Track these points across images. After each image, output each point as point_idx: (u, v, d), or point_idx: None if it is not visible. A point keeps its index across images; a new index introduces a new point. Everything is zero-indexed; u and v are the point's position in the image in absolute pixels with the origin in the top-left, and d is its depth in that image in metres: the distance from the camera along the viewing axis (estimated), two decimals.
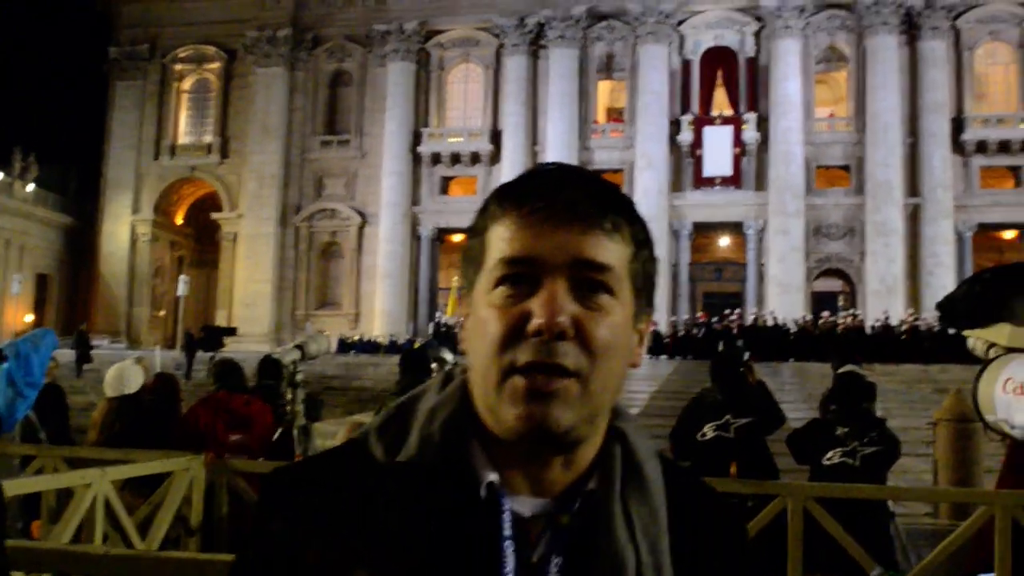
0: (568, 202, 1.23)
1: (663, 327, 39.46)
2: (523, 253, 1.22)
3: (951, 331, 24.07)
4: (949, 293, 9.11)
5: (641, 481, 1.30)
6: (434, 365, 8.30)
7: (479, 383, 1.25)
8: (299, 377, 8.77)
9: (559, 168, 1.30)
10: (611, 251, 1.24)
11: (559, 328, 1.18)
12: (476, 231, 1.31)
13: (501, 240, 1.25)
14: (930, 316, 35.45)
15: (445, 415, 1.27)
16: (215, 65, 52.29)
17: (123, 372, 8.33)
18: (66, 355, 28.86)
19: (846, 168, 45.58)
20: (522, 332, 1.20)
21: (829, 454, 6.93)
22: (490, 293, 1.24)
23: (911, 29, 44.96)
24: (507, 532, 1.20)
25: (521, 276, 1.22)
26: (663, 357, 36.53)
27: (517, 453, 1.23)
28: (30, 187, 50.68)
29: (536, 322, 1.19)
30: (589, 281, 1.22)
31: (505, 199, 1.28)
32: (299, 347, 8.97)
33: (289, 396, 8.54)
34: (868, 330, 37.14)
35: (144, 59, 53.19)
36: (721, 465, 7.42)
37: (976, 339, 7.89)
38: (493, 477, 1.22)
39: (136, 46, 53.18)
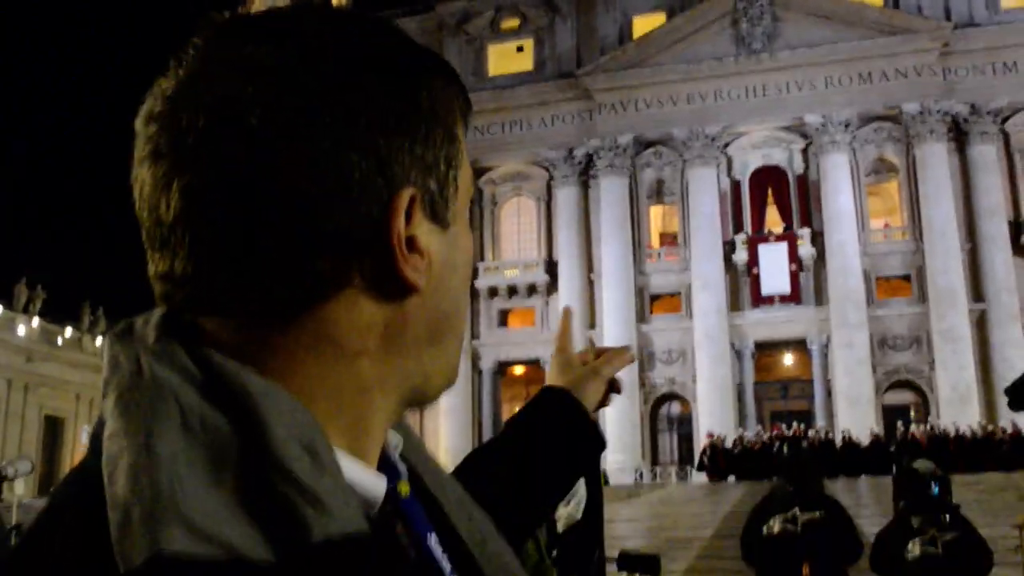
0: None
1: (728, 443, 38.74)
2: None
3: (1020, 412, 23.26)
4: (1016, 378, 8.80)
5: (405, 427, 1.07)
6: None
7: (450, 339, 0.93)
8: None
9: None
10: None
11: None
12: (432, 116, 0.89)
13: (465, 144, 0.95)
14: (1006, 422, 34.44)
15: (322, 435, 0.77)
16: None
17: None
18: None
19: (906, 277, 45.06)
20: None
21: (909, 546, 6.57)
22: (464, 214, 0.95)
23: (959, 136, 44.99)
24: (427, 524, 0.94)
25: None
26: (731, 478, 35.72)
27: (373, 433, 0.89)
28: (99, 341, 51.86)
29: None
30: None
31: (465, 123, 0.97)
32: None
33: None
34: (942, 438, 36.12)
35: None
36: (788, 562, 7.09)
37: None
38: (383, 483, 0.86)
39: None
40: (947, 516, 6.75)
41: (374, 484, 0.83)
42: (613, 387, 1.79)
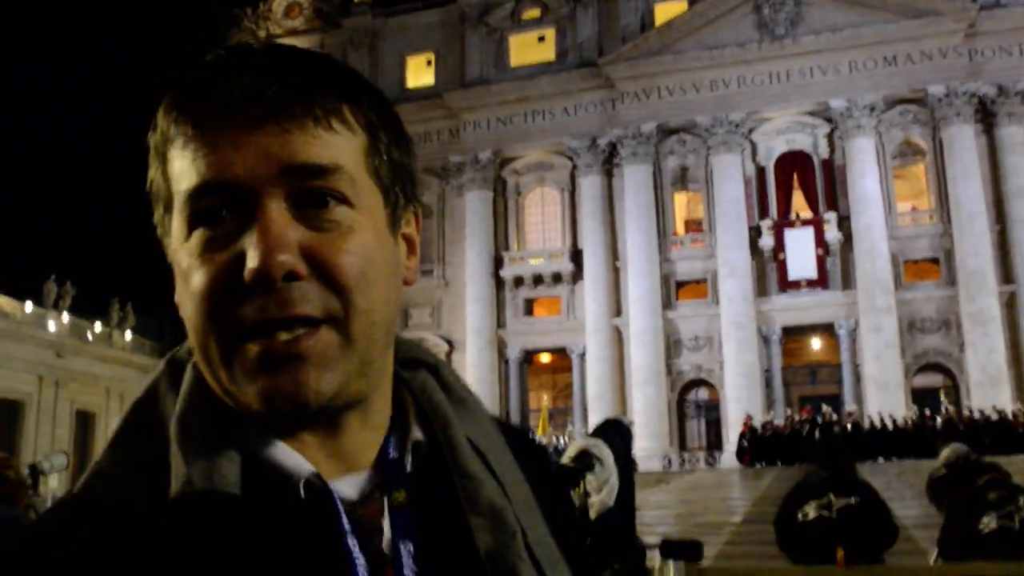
0: (254, 90, 0.91)
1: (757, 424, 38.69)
2: (212, 177, 0.90)
3: None
4: None
5: (472, 413, 1.10)
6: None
7: (202, 363, 0.95)
8: None
9: (236, 49, 0.95)
10: (334, 145, 0.93)
11: (284, 268, 0.89)
12: (154, 158, 0.97)
13: (181, 165, 0.92)
14: None
15: (200, 415, 0.95)
16: None
17: None
18: None
19: (935, 260, 44.72)
20: (237, 284, 0.90)
21: (985, 519, 6.46)
22: (187, 241, 0.93)
23: (986, 117, 44.55)
24: (347, 526, 0.95)
25: (220, 209, 0.91)
26: (761, 464, 35.65)
27: (302, 427, 0.96)
28: (128, 336, 52.32)
29: (251, 267, 0.88)
30: (313, 193, 0.92)
31: (174, 108, 0.94)
32: (32, 467, 8.92)
33: None
34: (974, 422, 35.91)
35: None
36: (822, 548, 7.07)
37: None
38: (307, 468, 0.95)
39: None
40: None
41: (287, 463, 0.95)
42: None
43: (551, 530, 1.06)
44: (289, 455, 0.95)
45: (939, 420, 36.58)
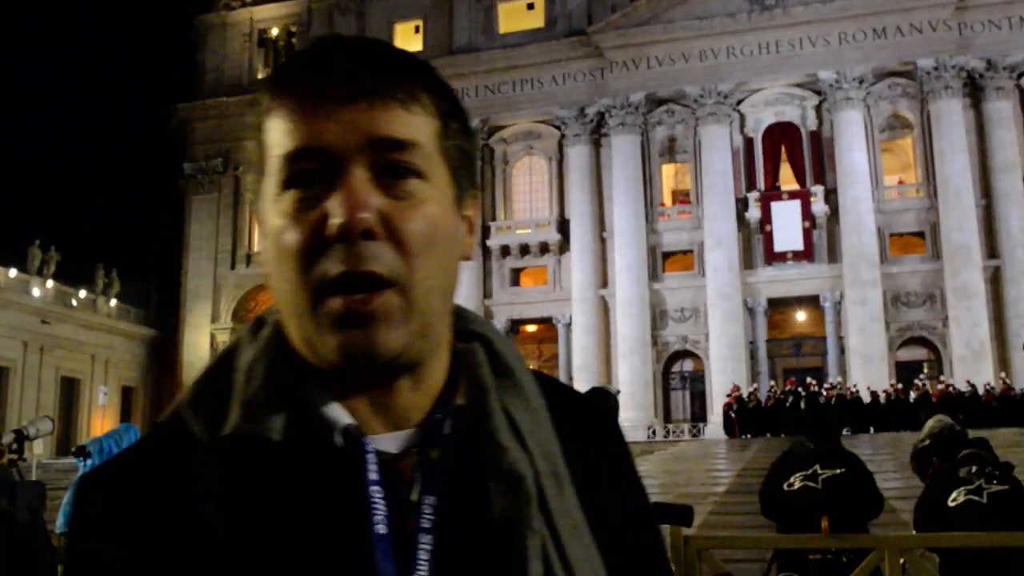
0: (348, 73, 1.04)
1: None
2: (306, 143, 1.03)
3: None
4: None
5: (516, 385, 1.15)
6: None
7: (290, 314, 1.06)
8: None
9: (332, 39, 1.10)
10: (413, 125, 1.05)
11: (363, 225, 1.00)
12: (254, 129, 1.12)
13: (279, 134, 1.06)
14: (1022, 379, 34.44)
15: (265, 367, 1.08)
16: None
17: None
18: None
19: (920, 234, 44.88)
20: (323, 240, 1.01)
21: (954, 493, 6.53)
22: (279, 200, 1.05)
23: (975, 91, 44.57)
24: (372, 476, 1.04)
25: (311, 173, 1.04)
26: (747, 436, 35.88)
27: (358, 385, 1.07)
28: (113, 302, 52.12)
29: (335, 222, 1.00)
30: (393, 165, 1.04)
31: (276, 84, 1.08)
32: (16, 431, 8.99)
33: None
34: (947, 395, 36.20)
35: (218, 172, 54.81)
36: (807, 518, 7.11)
37: None
38: (347, 420, 1.06)
39: (210, 160, 54.93)
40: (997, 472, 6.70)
41: (330, 412, 1.06)
42: None
43: (592, 503, 1.12)
44: (334, 407, 1.06)
45: (912, 394, 36.84)
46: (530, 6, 51.41)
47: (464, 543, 1.05)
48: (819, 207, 44.80)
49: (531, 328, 50.59)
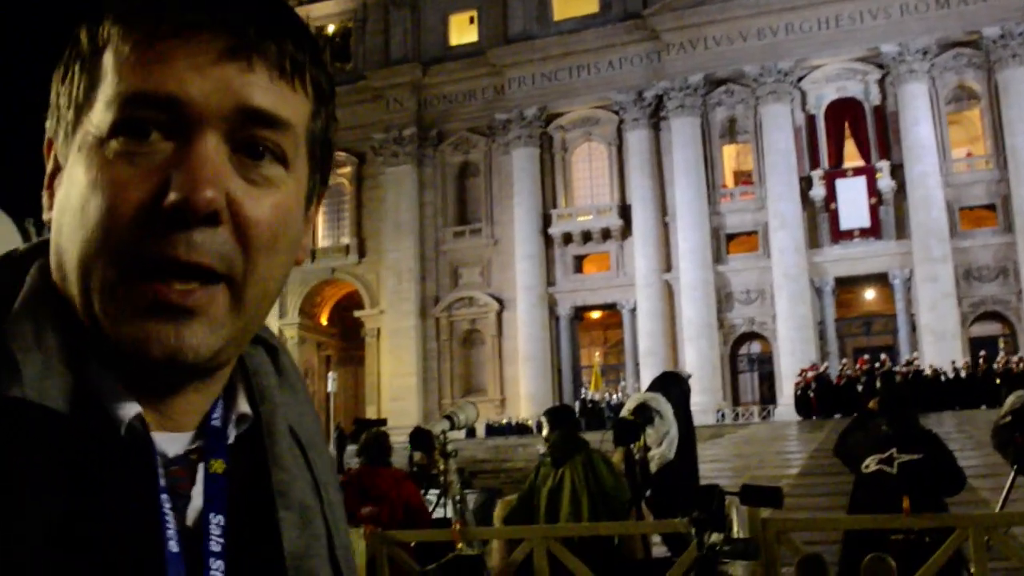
0: (234, 21, 0.85)
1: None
2: (159, 89, 0.83)
3: None
4: None
5: (300, 404, 1.05)
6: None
7: (75, 283, 0.86)
8: (449, 447, 8.82)
9: None
10: (292, 103, 0.89)
11: (209, 207, 0.82)
12: (76, 52, 0.89)
13: (123, 66, 0.84)
14: None
15: (34, 322, 0.87)
16: (347, 169, 53.96)
17: None
18: None
19: (991, 207, 43.89)
20: (149, 211, 0.82)
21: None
22: (101, 146, 0.85)
23: None
24: (162, 482, 0.88)
25: (152, 124, 0.84)
26: (814, 418, 35.49)
27: (147, 377, 0.88)
28: None
29: (175, 197, 0.81)
30: (255, 143, 0.87)
31: (132, 4, 0.87)
32: (448, 417, 9.05)
33: (442, 466, 8.60)
34: None
35: None
36: (882, 501, 7.02)
37: None
38: (134, 410, 0.88)
39: None
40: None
41: (115, 397, 0.87)
42: None
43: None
44: (121, 393, 0.88)
45: (995, 367, 36.05)
46: None
47: (254, 570, 0.93)
48: (885, 183, 44.05)
49: (595, 315, 50.53)
